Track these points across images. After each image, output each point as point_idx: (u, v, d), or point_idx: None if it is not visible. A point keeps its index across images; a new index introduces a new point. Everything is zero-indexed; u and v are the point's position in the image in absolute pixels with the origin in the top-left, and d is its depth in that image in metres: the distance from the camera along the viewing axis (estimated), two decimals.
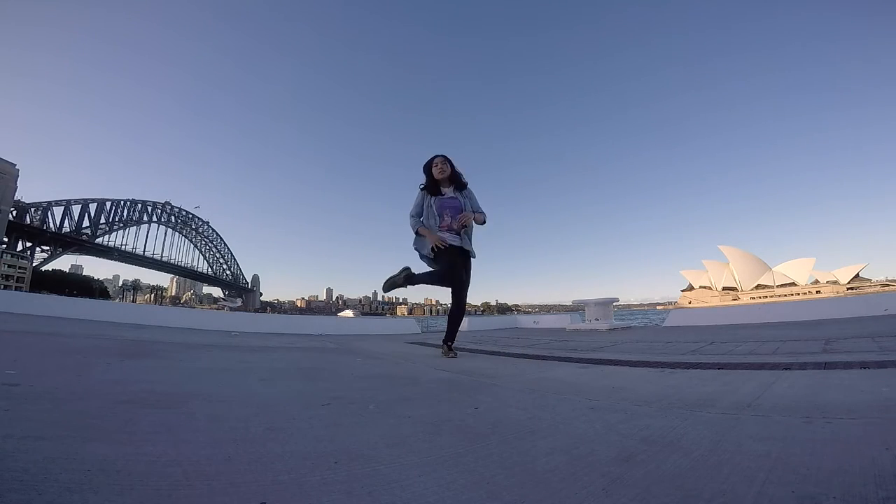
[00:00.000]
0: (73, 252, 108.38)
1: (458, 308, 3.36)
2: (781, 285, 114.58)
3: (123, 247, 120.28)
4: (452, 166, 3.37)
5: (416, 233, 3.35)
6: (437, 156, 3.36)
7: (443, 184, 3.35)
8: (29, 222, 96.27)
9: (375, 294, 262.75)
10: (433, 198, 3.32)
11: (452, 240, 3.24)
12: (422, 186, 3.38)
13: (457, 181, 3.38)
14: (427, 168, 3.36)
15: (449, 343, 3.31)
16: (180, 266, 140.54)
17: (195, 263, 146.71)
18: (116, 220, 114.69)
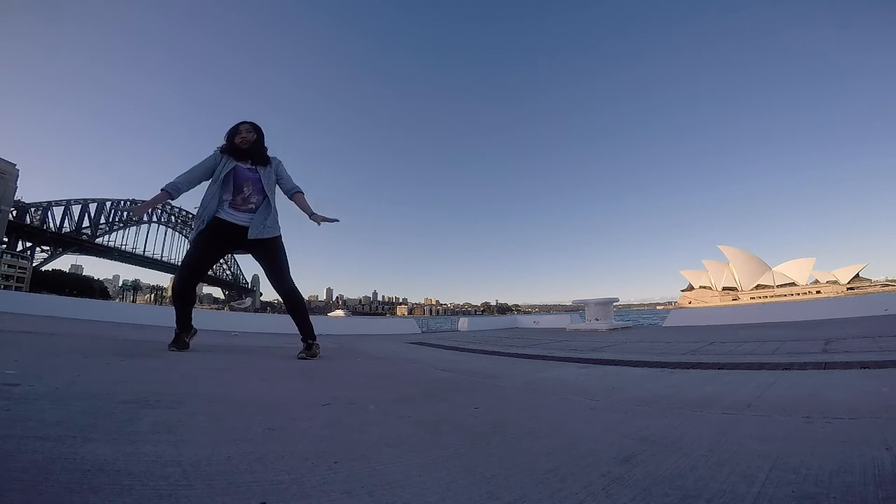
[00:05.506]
0: (73, 252, 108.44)
1: (287, 299, 2.89)
2: (781, 285, 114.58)
3: (123, 247, 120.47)
4: (259, 137, 2.90)
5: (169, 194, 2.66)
6: (244, 122, 2.90)
7: (244, 155, 2.84)
8: (29, 222, 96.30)
9: (375, 294, 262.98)
10: (235, 164, 2.77)
11: (241, 219, 2.75)
12: (221, 149, 2.85)
13: (257, 155, 2.87)
14: (230, 134, 2.85)
15: (309, 341, 2.83)
16: None
17: None
18: (116, 220, 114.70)
